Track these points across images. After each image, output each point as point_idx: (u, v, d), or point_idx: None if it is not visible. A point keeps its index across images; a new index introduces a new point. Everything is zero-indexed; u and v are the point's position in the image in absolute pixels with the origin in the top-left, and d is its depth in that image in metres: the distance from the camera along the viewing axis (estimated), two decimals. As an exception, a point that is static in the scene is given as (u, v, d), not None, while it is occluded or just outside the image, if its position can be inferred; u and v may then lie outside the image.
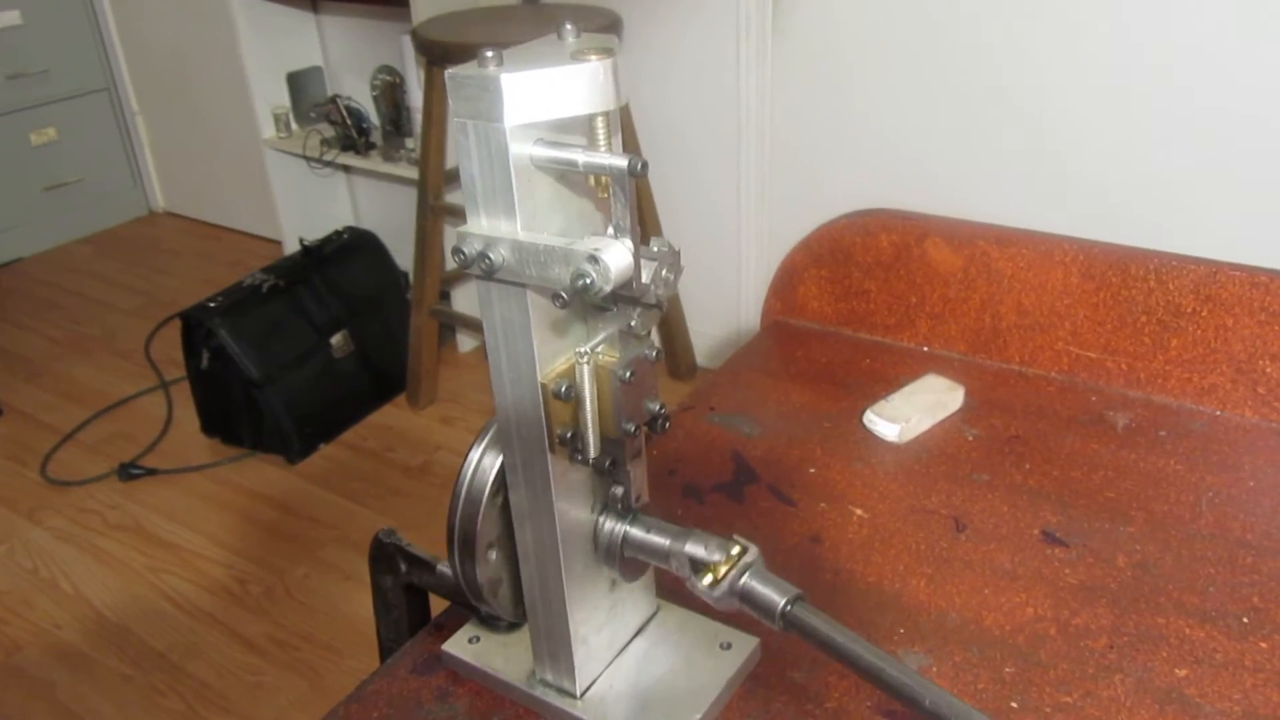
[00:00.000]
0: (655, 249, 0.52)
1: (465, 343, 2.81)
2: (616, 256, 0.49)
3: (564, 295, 0.49)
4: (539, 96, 0.48)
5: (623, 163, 0.48)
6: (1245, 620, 0.69)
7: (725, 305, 2.54)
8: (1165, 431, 0.88)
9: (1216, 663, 0.66)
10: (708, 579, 0.58)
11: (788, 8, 2.17)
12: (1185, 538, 0.76)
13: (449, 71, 0.49)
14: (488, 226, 0.52)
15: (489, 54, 0.48)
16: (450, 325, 2.71)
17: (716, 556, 0.58)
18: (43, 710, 1.76)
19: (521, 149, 0.50)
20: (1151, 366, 0.91)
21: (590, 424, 0.56)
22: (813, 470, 0.86)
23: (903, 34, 2.06)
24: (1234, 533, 0.76)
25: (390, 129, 2.83)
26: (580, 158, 0.49)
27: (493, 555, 0.63)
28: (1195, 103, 1.81)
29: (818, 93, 2.22)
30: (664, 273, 0.52)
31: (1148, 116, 1.86)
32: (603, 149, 0.50)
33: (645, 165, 0.48)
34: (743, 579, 0.57)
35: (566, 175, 0.52)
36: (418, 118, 2.47)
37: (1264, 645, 0.67)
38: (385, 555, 0.74)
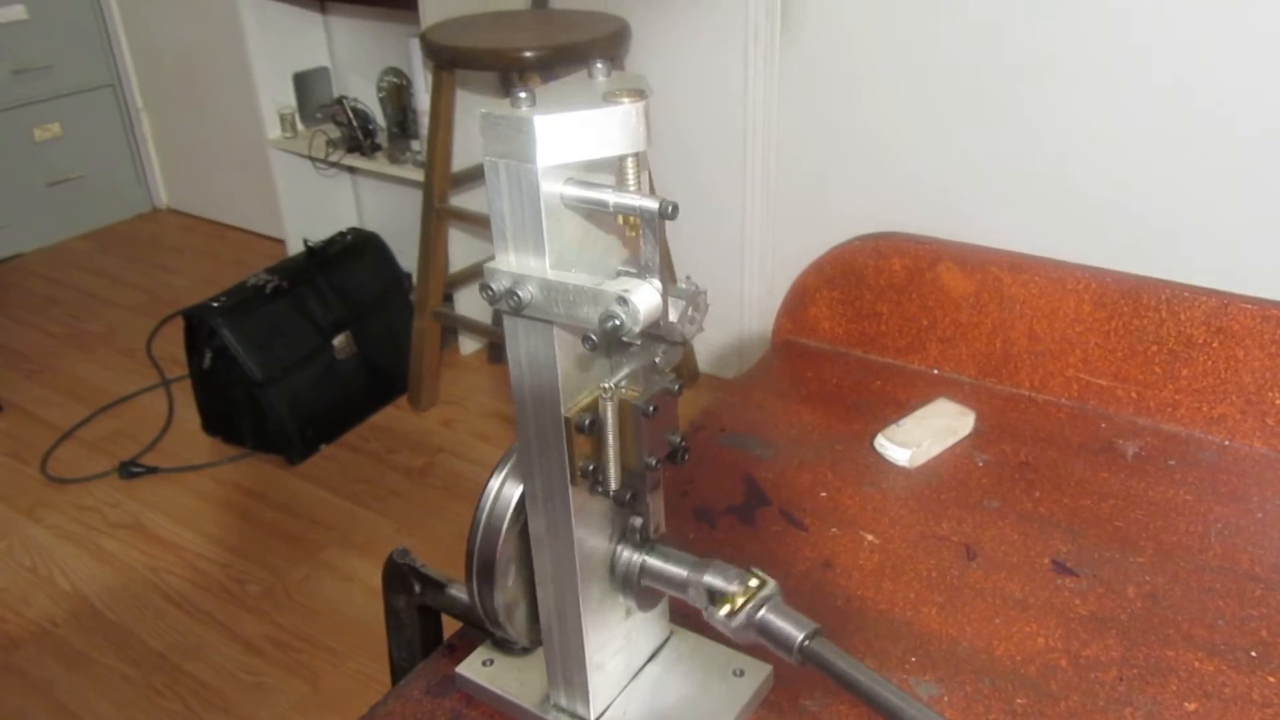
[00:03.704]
0: (682, 288, 0.53)
1: (468, 345, 2.81)
2: (645, 297, 0.49)
3: (593, 338, 0.49)
4: (571, 138, 0.48)
5: (653, 205, 0.48)
6: (1254, 654, 0.69)
7: (729, 313, 2.55)
8: (1174, 461, 0.88)
9: (1225, 697, 0.66)
10: (725, 610, 0.59)
11: (797, 17, 2.18)
12: (1194, 569, 0.77)
13: (482, 111, 0.49)
14: (516, 264, 0.52)
15: (522, 94, 0.48)
16: (453, 328, 2.72)
17: (734, 588, 0.59)
18: (41, 709, 1.77)
19: (552, 189, 0.50)
20: (1161, 395, 0.92)
21: (612, 457, 0.57)
22: (824, 494, 0.86)
23: (913, 50, 2.06)
24: (1243, 565, 0.77)
25: (396, 131, 2.83)
26: (610, 198, 0.50)
27: (510, 582, 0.64)
28: (1215, 130, 1.81)
29: (825, 103, 2.22)
30: (690, 311, 0.53)
31: (1167, 139, 1.86)
32: (632, 189, 0.51)
33: (676, 208, 0.48)
34: (760, 612, 0.57)
35: (595, 213, 0.53)
36: (424, 120, 2.47)
37: (1272, 680, 0.67)
38: (399, 575, 0.75)
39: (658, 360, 0.54)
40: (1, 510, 2.27)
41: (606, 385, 0.54)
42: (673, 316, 0.51)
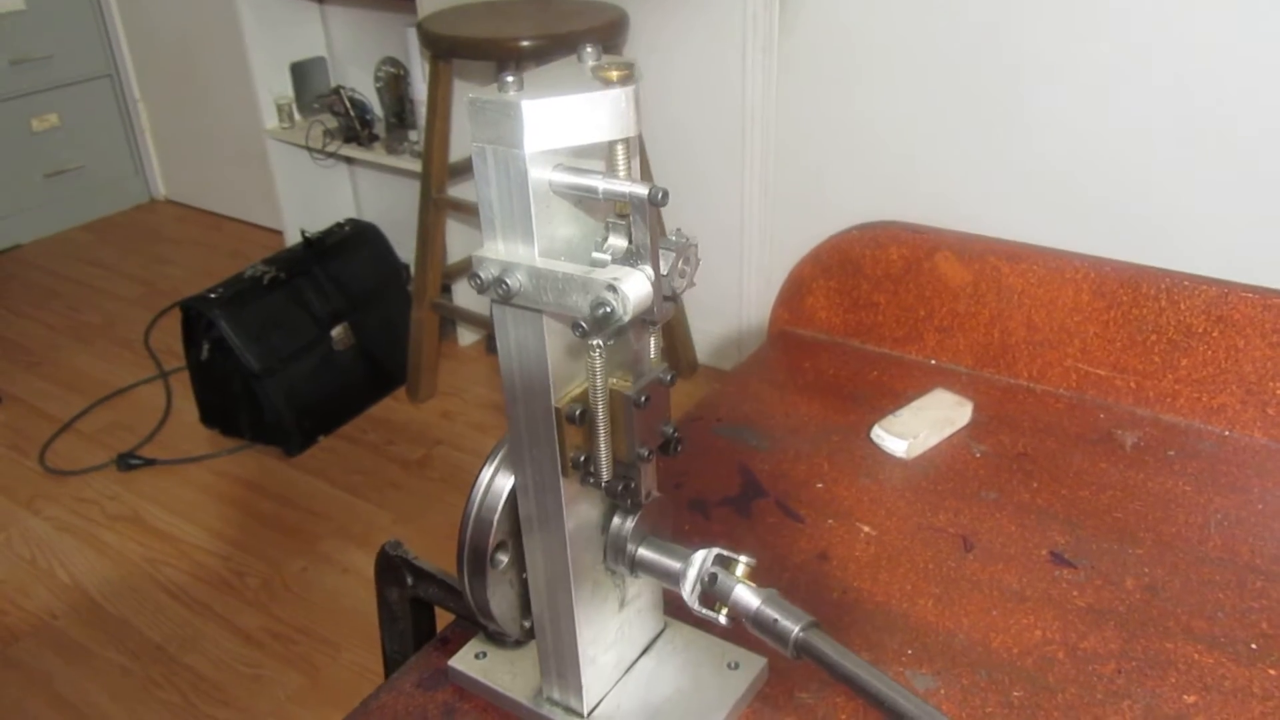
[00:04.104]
0: (672, 240, 0.52)
1: (466, 336, 2.80)
2: (636, 285, 0.48)
3: (584, 325, 0.48)
4: (560, 123, 0.48)
5: (643, 191, 0.48)
6: (1254, 646, 0.69)
7: (727, 304, 2.54)
8: (1174, 451, 0.87)
9: (1225, 690, 0.66)
10: (722, 608, 0.58)
11: (794, 7, 2.16)
12: (1193, 561, 0.76)
13: (470, 96, 0.48)
14: (505, 251, 0.51)
15: (509, 79, 0.48)
16: (451, 319, 2.71)
17: (729, 581, 0.58)
18: (40, 701, 1.76)
19: (541, 175, 0.49)
20: (1161, 385, 0.91)
21: (604, 448, 0.56)
22: (820, 485, 0.86)
23: (911, 41, 2.05)
24: (1243, 556, 0.76)
25: (394, 121, 2.82)
26: (600, 185, 0.49)
27: (502, 574, 0.63)
28: (1213, 120, 1.80)
29: (824, 94, 2.21)
30: (681, 264, 0.52)
31: (1164, 132, 1.85)
32: (622, 175, 0.50)
33: (666, 194, 0.47)
34: (756, 605, 0.57)
35: (584, 200, 0.52)
36: (421, 110, 2.46)
37: (1273, 672, 0.67)
38: (392, 568, 0.74)
39: (652, 326, 0.52)
40: (0, 502, 2.27)
41: (595, 343, 0.52)
42: (662, 269, 0.50)
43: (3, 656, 1.86)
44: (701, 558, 0.60)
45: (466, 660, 0.69)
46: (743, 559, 0.60)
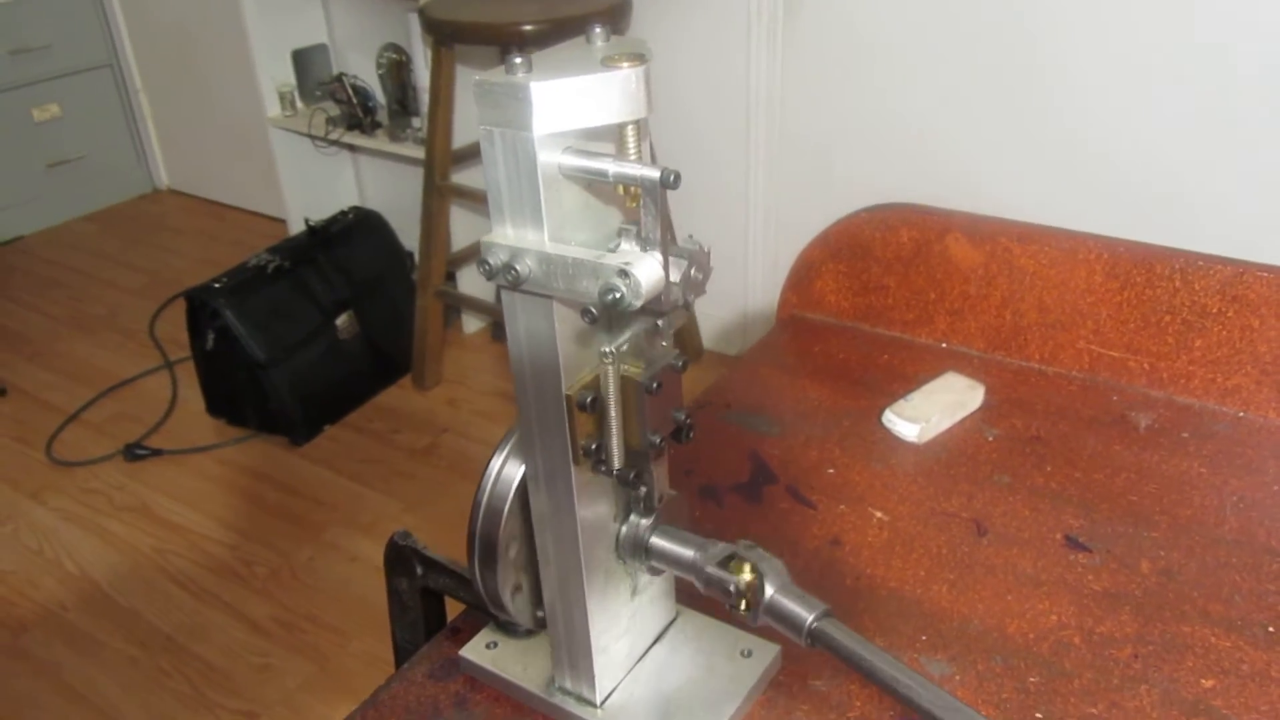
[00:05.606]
0: (684, 247, 0.51)
1: (470, 324, 2.79)
2: (647, 270, 0.47)
3: (593, 311, 0.48)
4: (569, 105, 0.47)
5: (654, 174, 0.47)
6: (1271, 630, 0.68)
7: (732, 288, 2.53)
8: (1188, 433, 0.87)
9: (1243, 673, 0.65)
10: (741, 604, 0.57)
11: (799, -12, 2.15)
12: (1209, 544, 0.75)
13: (476, 78, 0.47)
14: (514, 236, 0.51)
15: (517, 60, 0.47)
16: (456, 306, 2.70)
17: (743, 575, 0.57)
18: (49, 691, 1.77)
19: (550, 158, 0.48)
20: (1175, 366, 0.90)
21: (615, 436, 0.55)
22: (831, 471, 0.85)
23: (917, 19, 2.03)
24: (1259, 539, 0.75)
25: (397, 108, 2.80)
26: (610, 168, 0.48)
27: (513, 564, 0.63)
28: (1227, 96, 1.78)
29: (829, 74, 2.19)
30: (693, 272, 0.51)
31: (1177, 108, 1.83)
32: (632, 158, 0.49)
33: (678, 177, 0.46)
34: (769, 594, 0.56)
35: (594, 183, 0.51)
36: (424, 97, 2.45)
37: (1291, 656, 0.66)
38: (401, 558, 0.74)
39: (660, 324, 0.52)
40: (7, 493, 2.27)
41: (607, 350, 0.52)
42: (674, 277, 0.49)
43: (12, 647, 1.86)
44: (716, 550, 0.59)
45: (477, 650, 0.68)
46: (757, 550, 0.59)
